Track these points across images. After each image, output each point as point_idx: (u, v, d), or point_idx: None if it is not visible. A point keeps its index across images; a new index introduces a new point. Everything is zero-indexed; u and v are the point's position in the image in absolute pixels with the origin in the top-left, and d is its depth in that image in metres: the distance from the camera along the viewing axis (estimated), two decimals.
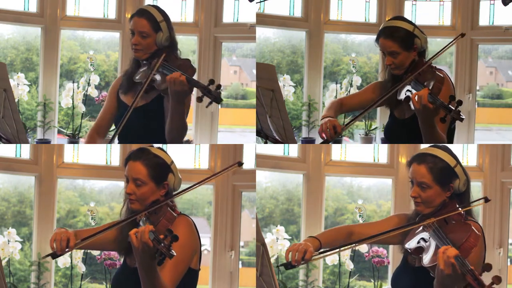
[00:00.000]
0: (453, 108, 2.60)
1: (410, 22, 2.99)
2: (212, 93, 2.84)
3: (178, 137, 3.03)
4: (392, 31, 2.95)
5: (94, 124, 3.30)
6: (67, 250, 2.51)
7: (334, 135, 2.87)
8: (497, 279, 2.13)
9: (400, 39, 2.94)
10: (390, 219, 2.75)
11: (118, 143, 3.18)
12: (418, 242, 2.48)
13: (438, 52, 2.98)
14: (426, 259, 2.41)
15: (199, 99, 2.87)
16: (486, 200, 2.52)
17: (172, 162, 2.66)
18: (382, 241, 2.68)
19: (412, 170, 2.57)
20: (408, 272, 2.58)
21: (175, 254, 2.27)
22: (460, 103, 2.61)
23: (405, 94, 2.91)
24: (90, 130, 3.29)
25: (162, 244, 2.26)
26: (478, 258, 2.40)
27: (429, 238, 2.46)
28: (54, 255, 2.51)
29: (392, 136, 3.14)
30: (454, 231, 2.44)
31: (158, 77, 3.02)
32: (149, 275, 2.36)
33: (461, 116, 2.60)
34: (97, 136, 3.27)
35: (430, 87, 2.81)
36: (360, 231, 2.72)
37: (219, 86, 2.84)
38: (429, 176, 2.52)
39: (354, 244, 2.67)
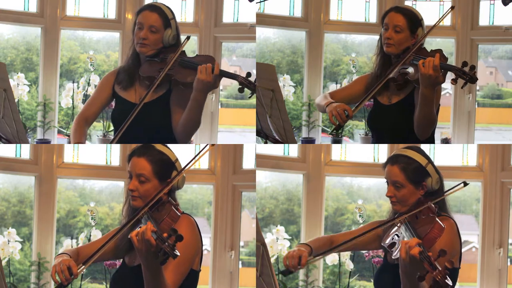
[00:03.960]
0: (467, 71, 2.76)
1: (419, 13, 3.13)
2: (253, 83, 2.91)
3: (190, 131, 3.02)
4: (405, 9, 3.09)
5: (80, 113, 3.20)
6: (72, 277, 2.44)
7: (346, 119, 2.93)
8: (449, 263, 2.26)
9: (409, 17, 3.06)
10: (368, 226, 2.85)
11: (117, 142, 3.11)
12: (393, 239, 2.61)
13: (431, 29, 3.08)
14: (395, 252, 2.56)
15: (241, 90, 2.94)
16: (465, 184, 2.64)
17: (177, 159, 2.62)
18: (360, 246, 2.88)
19: (387, 171, 2.71)
20: (388, 270, 2.68)
21: (178, 254, 2.22)
22: (473, 67, 2.77)
23: (399, 72, 3.00)
24: (77, 119, 3.17)
25: (166, 243, 2.21)
26: (447, 248, 2.45)
27: (401, 233, 2.61)
28: (61, 286, 2.44)
29: (377, 123, 3.18)
30: (422, 224, 2.58)
31: (177, 71, 3.01)
32: (154, 275, 2.31)
33: (476, 77, 2.76)
34: (85, 124, 3.16)
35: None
36: (340, 239, 2.85)
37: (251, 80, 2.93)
38: (402, 175, 2.66)
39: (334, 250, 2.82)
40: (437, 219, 2.58)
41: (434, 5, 6.03)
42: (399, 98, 3.07)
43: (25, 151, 4.99)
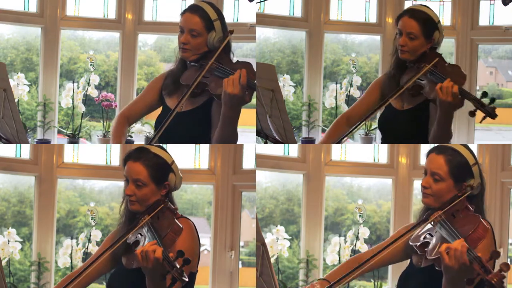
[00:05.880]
0: (485, 104, 2.65)
1: (436, 15, 2.96)
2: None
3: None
4: (419, 13, 2.91)
5: (121, 111, 3.01)
6: None
7: None
8: (505, 266, 2.08)
9: (423, 22, 2.89)
10: (398, 234, 2.62)
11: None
12: (424, 238, 2.42)
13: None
14: (429, 252, 2.35)
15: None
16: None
17: (173, 161, 2.57)
18: (389, 259, 2.65)
19: (429, 159, 2.52)
20: (416, 274, 2.51)
21: (187, 280, 2.19)
22: (493, 100, 2.67)
23: (414, 82, 2.88)
24: (118, 117, 3.00)
25: (174, 268, 2.17)
26: (488, 251, 2.28)
27: (435, 232, 2.40)
28: None
29: (388, 127, 3.07)
30: (462, 223, 2.38)
31: (211, 80, 2.76)
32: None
33: (495, 113, 2.67)
34: (126, 123, 2.97)
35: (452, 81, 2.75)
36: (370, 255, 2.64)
37: None
38: (445, 167, 2.47)
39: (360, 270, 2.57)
40: (481, 218, 2.39)
41: (434, 5, 6.03)
42: (412, 105, 2.96)
43: (25, 151, 4.99)
